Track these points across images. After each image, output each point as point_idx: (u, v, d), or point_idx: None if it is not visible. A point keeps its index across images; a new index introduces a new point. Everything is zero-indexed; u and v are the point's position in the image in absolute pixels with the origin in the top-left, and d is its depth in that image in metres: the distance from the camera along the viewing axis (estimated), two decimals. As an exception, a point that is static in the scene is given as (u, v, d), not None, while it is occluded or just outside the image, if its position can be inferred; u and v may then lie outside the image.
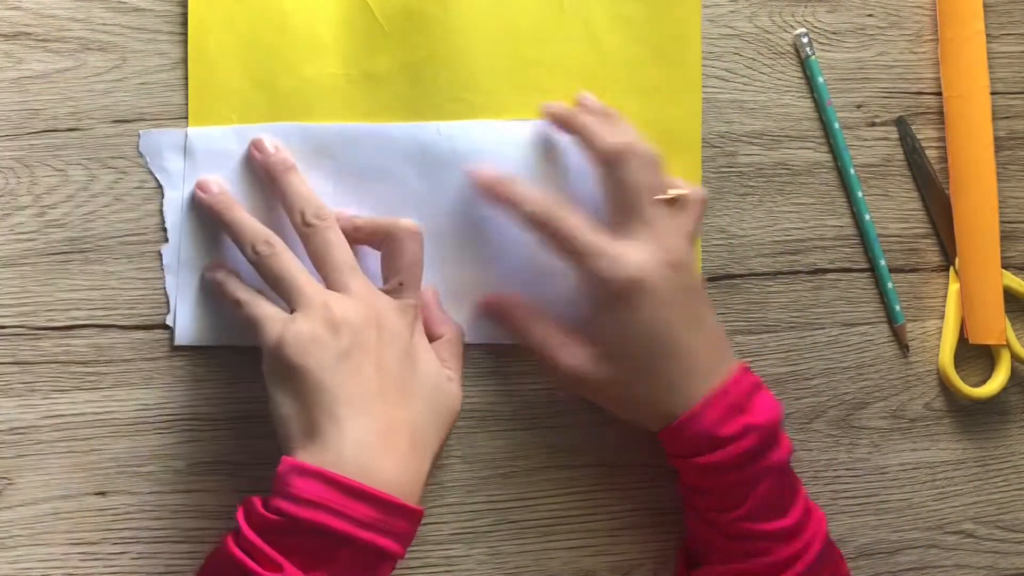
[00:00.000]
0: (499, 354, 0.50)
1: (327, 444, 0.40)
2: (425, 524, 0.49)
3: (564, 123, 0.48)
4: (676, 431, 0.44)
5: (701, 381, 0.44)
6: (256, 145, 0.48)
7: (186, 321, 0.48)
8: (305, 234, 0.45)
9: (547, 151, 0.49)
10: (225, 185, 0.48)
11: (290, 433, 0.42)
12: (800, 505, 0.46)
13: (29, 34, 0.48)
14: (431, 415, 0.44)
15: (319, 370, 0.41)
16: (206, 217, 0.48)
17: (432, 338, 0.48)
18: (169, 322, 0.48)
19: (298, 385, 0.41)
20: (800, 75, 0.53)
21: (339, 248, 0.45)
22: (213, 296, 0.47)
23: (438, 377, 0.46)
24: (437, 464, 0.47)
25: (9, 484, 0.47)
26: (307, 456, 0.40)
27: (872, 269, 0.54)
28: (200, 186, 0.47)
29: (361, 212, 0.48)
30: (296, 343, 0.41)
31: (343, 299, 0.43)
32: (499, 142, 0.49)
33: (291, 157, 0.47)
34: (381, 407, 0.42)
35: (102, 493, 0.48)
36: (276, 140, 0.48)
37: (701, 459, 0.44)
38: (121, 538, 0.48)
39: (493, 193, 0.47)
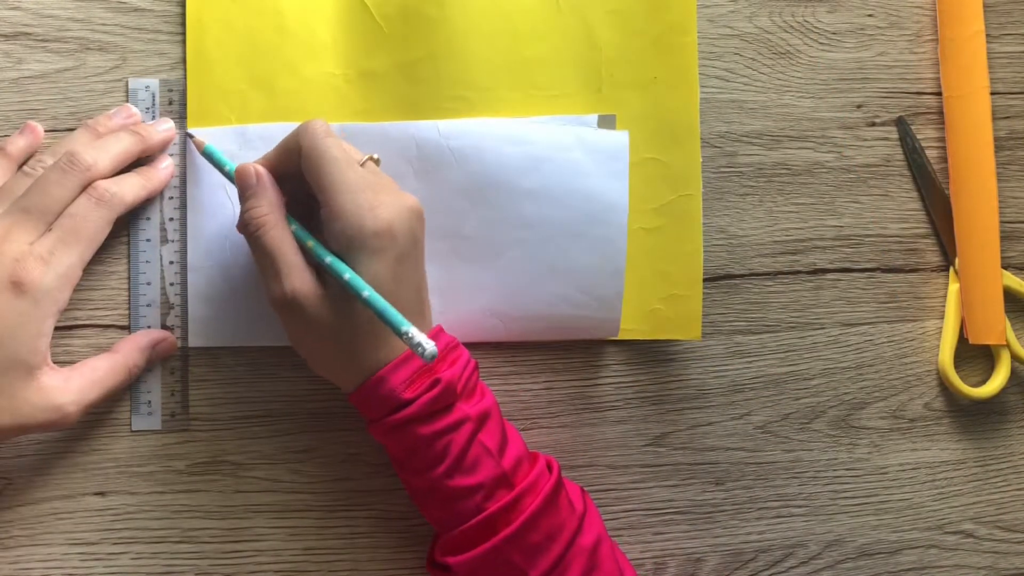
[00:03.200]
0: (499, 354, 0.50)
1: None
2: (425, 524, 0.49)
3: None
4: (365, 392, 0.42)
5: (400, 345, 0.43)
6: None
7: (188, 323, 0.48)
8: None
9: (548, 149, 0.49)
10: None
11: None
12: (513, 456, 0.44)
13: (29, 34, 0.48)
14: None
15: None
16: (206, 219, 0.48)
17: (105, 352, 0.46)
18: (170, 324, 0.48)
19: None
20: (800, 75, 0.53)
21: (41, 189, 0.43)
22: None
23: (18, 356, 0.41)
24: None
25: (9, 484, 0.47)
26: None
27: (872, 269, 0.54)
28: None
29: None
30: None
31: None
32: (498, 140, 0.49)
33: (170, 136, 0.48)
34: None
35: (102, 493, 0.48)
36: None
37: (391, 417, 0.42)
38: (121, 538, 0.48)
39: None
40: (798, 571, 0.52)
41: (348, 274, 0.41)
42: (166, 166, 0.48)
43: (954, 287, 0.54)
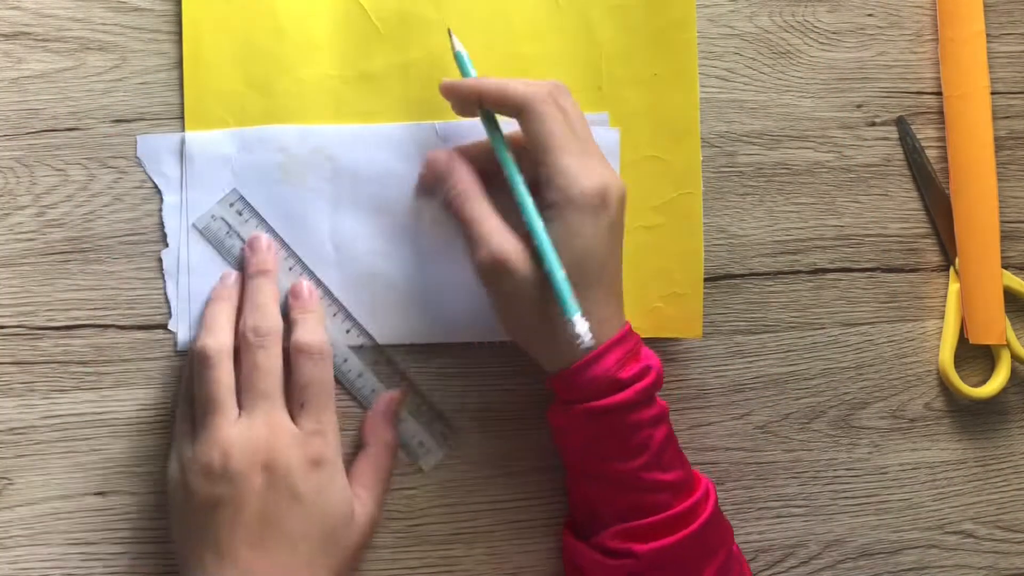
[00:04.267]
0: (499, 354, 0.50)
1: None
2: (425, 524, 0.49)
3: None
4: (576, 372, 0.43)
5: (611, 317, 0.44)
6: (249, 244, 0.47)
7: (188, 325, 0.48)
8: (241, 345, 0.45)
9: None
10: (274, 247, 0.48)
11: (177, 561, 0.44)
12: (688, 463, 0.46)
13: (29, 34, 0.48)
14: (319, 552, 0.43)
15: (190, 516, 0.43)
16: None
17: (360, 447, 0.48)
18: (171, 327, 0.48)
19: (175, 521, 0.44)
20: (800, 75, 0.53)
21: (262, 373, 0.44)
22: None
23: (337, 509, 0.44)
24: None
25: (9, 484, 0.47)
26: None
27: (872, 269, 0.54)
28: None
29: (357, 219, 0.48)
30: (174, 485, 0.44)
31: (237, 437, 0.43)
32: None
33: (273, 260, 0.47)
34: (252, 555, 0.41)
35: (101, 493, 0.48)
36: (272, 240, 0.48)
37: (601, 401, 0.43)
38: (121, 538, 0.48)
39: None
40: (798, 571, 0.52)
41: (542, 236, 0.42)
42: (310, 292, 0.48)
43: (954, 287, 0.54)
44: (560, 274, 0.41)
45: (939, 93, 0.55)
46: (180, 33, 0.49)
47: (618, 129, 0.50)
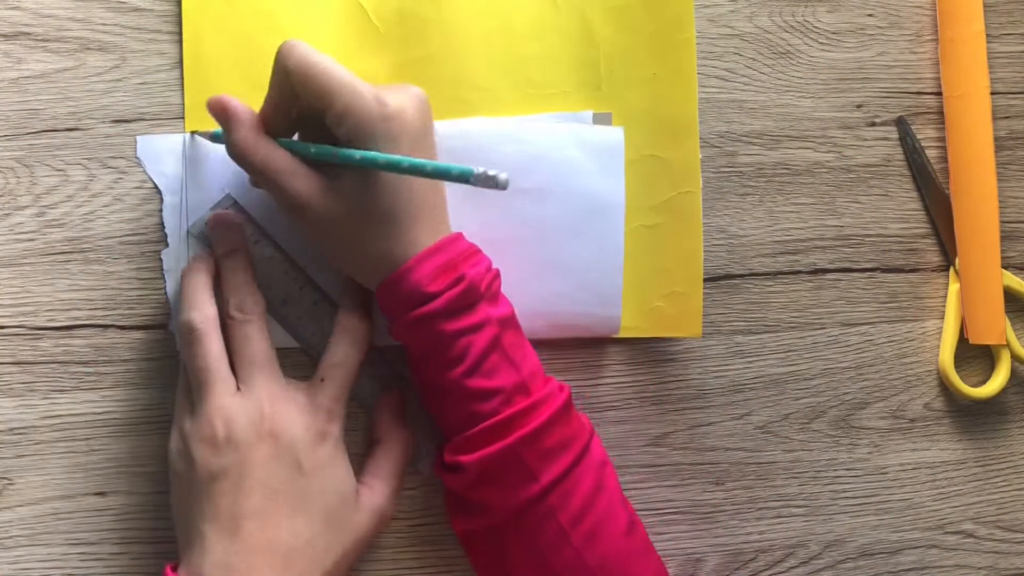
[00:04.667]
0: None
1: (191, 562, 0.41)
2: (425, 524, 0.49)
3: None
4: (390, 285, 0.43)
5: (423, 235, 0.43)
6: (212, 223, 0.47)
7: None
8: (227, 325, 0.45)
9: (545, 147, 0.49)
10: (239, 224, 0.47)
11: (176, 535, 0.44)
12: (530, 368, 0.44)
13: (29, 34, 0.48)
14: (325, 532, 0.43)
15: (191, 487, 0.42)
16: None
17: (372, 443, 0.48)
18: (171, 327, 0.48)
19: (176, 494, 0.44)
20: (800, 75, 0.53)
21: (253, 343, 0.44)
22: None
23: (340, 487, 0.44)
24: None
25: (9, 484, 0.47)
26: (180, 570, 0.42)
27: (872, 269, 0.54)
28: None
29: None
30: (176, 456, 0.43)
31: (239, 407, 0.43)
32: (496, 140, 0.49)
33: (240, 237, 0.47)
34: (254, 526, 0.41)
35: (102, 493, 0.48)
36: (235, 215, 0.47)
37: (414, 312, 0.42)
38: (121, 538, 0.48)
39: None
40: (798, 571, 0.52)
41: (361, 154, 0.41)
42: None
43: (954, 287, 0.54)
44: (429, 167, 0.40)
45: (939, 93, 0.55)
46: (180, 33, 0.49)
47: (622, 128, 0.50)
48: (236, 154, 0.43)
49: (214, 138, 0.47)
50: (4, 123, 0.48)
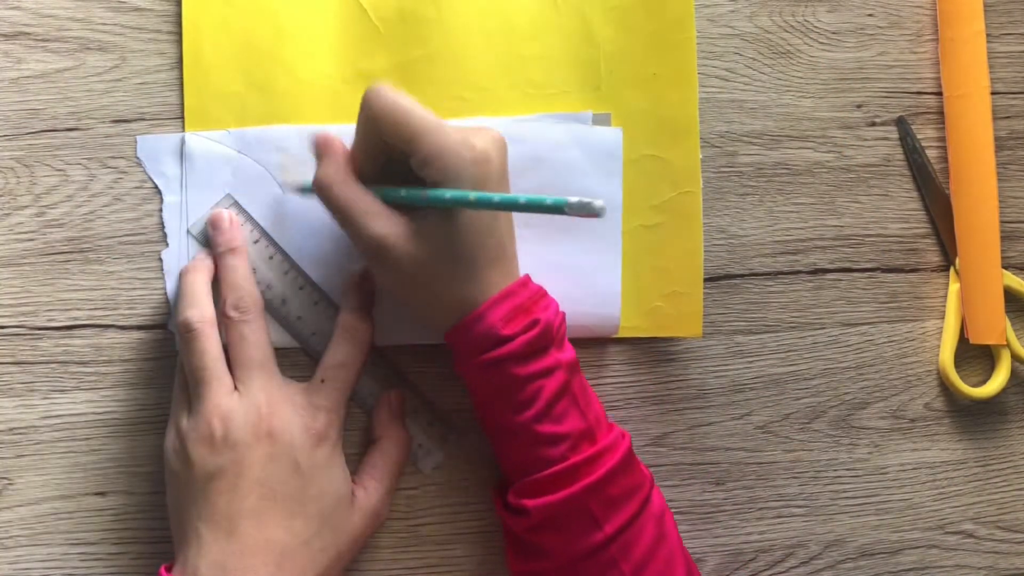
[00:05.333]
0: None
1: (188, 561, 0.41)
2: (425, 524, 0.49)
3: None
4: (464, 329, 0.43)
5: (498, 278, 0.43)
6: (211, 222, 0.47)
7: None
8: (224, 324, 0.45)
9: (544, 147, 0.49)
10: (237, 222, 0.47)
11: (172, 534, 0.44)
12: (595, 414, 0.45)
13: (29, 34, 0.48)
14: (321, 533, 0.43)
15: (187, 486, 0.42)
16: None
17: (369, 442, 0.48)
18: (171, 327, 0.48)
19: (172, 494, 0.44)
20: (800, 75, 0.53)
21: (250, 343, 0.44)
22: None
23: (336, 489, 0.44)
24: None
25: (9, 484, 0.47)
26: (175, 569, 0.42)
27: (872, 269, 0.54)
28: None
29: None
30: (172, 455, 0.43)
31: (237, 406, 0.43)
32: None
33: (240, 236, 0.47)
34: (250, 526, 0.41)
35: (102, 493, 0.48)
36: (234, 214, 0.47)
37: (488, 355, 0.42)
38: (121, 538, 0.48)
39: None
40: (798, 571, 0.52)
41: (451, 194, 0.41)
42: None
43: (954, 287, 0.54)
44: (522, 199, 0.40)
45: (939, 93, 0.55)
46: (180, 33, 0.49)
47: (620, 128, 0.50)
48: (323, 189, 0.43)
49: (303, 191, 0.47)
50: (4, 123, 0.48)
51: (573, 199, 0.37)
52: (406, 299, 0.45)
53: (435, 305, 0.44)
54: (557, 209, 0.38)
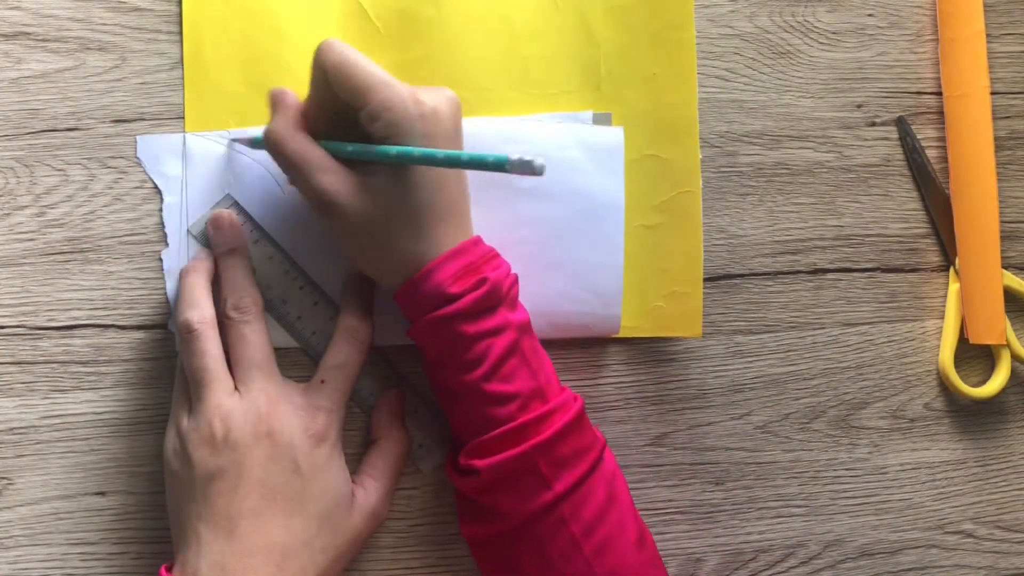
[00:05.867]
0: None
1: (187, 562, 0.41)
2: (425, 524, 0.49)
3: None
4: (412, 286, 0.43)
5: (446, 236, 0.43)
6: (212, 222, 0.47)
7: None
8: (225, 324, 0.45)
9: (545, 147, 0.49)
10: (238, 223, 0.47)
11: (172, 535, 0.44)
12: (546, 375, 0.44)
13: (29, 34, 0.48)
14: (321, 534, 0.43)
15: (187, 486, 0.42)
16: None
17: (369, 442, 0.48)
18: (171, 327, 0.48)
19: (172, 494, 0.44)
20: (800, 75, 0.53)
21: (250, 344, 0.44)
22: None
23: (336, 490, 0.44)
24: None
25: (9, 484, 0.47)
26: (175, 570, 0.42)
27: (872, 269, 0.54)
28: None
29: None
30: (172, 456, 0.43)
31: (237, 406, 0.43)
32: (496, 140, 0.49)
33: (240, 236, 0.47)
34: (250, 526, 0.41)
35: (102, 493, 0.48)
36: (234, 214, 0.47)
37: (436, 312, 0.42)
38: (121, 538, 0.48)
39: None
40: (798, 571, 0.52)
41: (397, 150, 0.41)
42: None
43: (954, 287, 0.54)
44: (464, 157, 0.40)
45: (939, 93, 0.55)
46: (180, 33, 0.49)
47: (622, 128, 0.50)
48: (272, 143, 0.43)
49: (253, 143, 0.47)
50: (4, 123, 0.48)
51: (514, 156, 0.37)
52: (356, 255, 0.45)
53: (385, 260, 0.44)
54: (499, 166, 0.38)
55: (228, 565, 0.41)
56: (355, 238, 0.43)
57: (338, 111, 0.43)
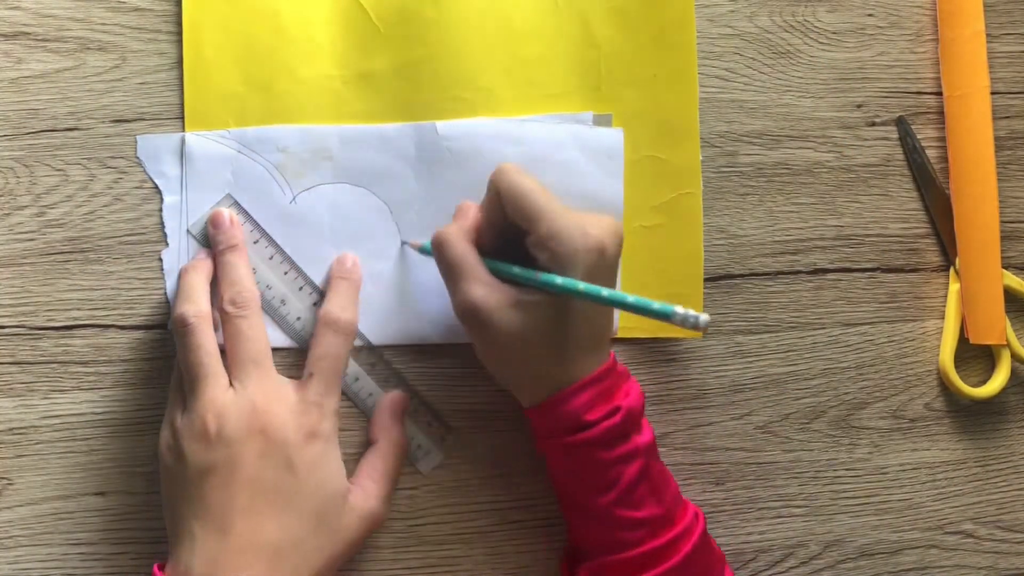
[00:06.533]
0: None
1: (180, 559, 0.41)
2: (425, 524, 0.49)
3: None
4: (546, 408, 0.44)
5: (587, 363, 0.44)
6: (212, 220, 0.47)
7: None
8: (222, 319, 0.45)
9: (545, 148, 0.49)
10: (238, 221, 0.48)
11: (167, 533, 0.44)
12: (671, 496, 0.45)
13: (29, 34, 0.48)
14: (315, 532, 0.43)
15: (181, 482, 0.42)
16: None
17: (368, 443, 0.48)
18: (171, 327, 0.48)
19: (166, 490, 0.44)
20: (800, 75, 0.53)
21: (247, 339, 0.44)
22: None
23: (330, 487, 0.44)
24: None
25: (9, 484, 0.47)
26: (168, 567, 0.42)
27: (872, 269, 0.54)
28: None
29: (359, 218, 0.49)
30: (167, 451, 0.43)
31: (231, 402, 0.43)
32: (496, 140, 0.49)
33: (239, 235, 0.47)
34: (244, 524, 0.41)
35: (101, 493, 0.48)
36: (234, 213, 0.48)
37: (570, 438, 0.43)
38: (121, 538, 0.48)
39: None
40: (798, 571, 0.52)
41: (563, 280, 0.41)
42: (354, 263, 0.48)
43: (954, 287, 0.54)
44: (630, 300, 0.40)
45: (939, 93, 0.55)
46: (180, 33, 0.49)
47: (622, 129, 0.50)
48: (437, 244, 0.44)
49: (422, 250, 0.48)
50: (4, 123, 0.48)
51: (680, 309, 0.38)
52: (492, 363, 0.46)
53: (522, 376, 0.45)
54: (664, 316, 0.38)
55: (221, 562, 0.41)
56: (496, 349, 0.44)
57: (507, 233, 0.44)
